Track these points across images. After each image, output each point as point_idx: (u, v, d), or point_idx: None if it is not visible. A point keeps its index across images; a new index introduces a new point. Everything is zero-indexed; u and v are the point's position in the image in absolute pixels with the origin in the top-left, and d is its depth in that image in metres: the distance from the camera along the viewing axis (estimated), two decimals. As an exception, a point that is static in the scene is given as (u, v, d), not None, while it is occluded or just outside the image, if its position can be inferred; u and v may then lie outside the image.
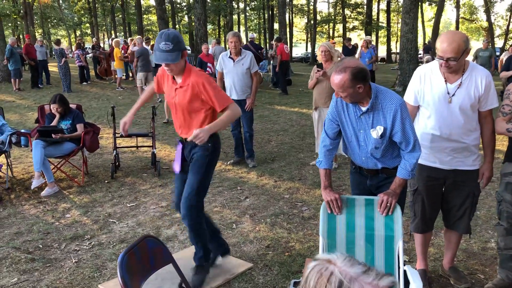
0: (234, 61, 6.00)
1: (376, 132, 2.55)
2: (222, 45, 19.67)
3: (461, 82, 2.80)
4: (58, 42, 15.62)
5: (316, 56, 5.87)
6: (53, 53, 16.26)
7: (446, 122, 2.86)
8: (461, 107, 2.82)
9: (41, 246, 3.97)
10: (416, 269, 3.31)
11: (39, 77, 15.99)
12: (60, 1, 41.79)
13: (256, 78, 6.13)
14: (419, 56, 17.81)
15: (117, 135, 6.32)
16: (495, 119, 2.98)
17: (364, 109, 2.56)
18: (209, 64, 11.51)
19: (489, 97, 2.84)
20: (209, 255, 3.39)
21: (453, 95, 2.82)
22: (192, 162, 3.19)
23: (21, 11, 33.25)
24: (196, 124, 3.14)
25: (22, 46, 16.34)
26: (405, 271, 2.49)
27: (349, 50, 14.61)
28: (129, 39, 17.05)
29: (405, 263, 3.51)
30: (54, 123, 5.61)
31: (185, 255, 3.72)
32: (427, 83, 2.91)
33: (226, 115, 3.07)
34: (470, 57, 14.64)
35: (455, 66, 2.70)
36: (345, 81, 2.42)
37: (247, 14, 42.25)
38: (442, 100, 2.84)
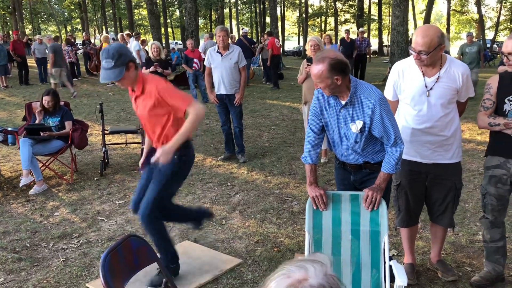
0: (222, 55, 5.96)
1: (355, 127, 2.55)
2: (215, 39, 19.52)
3: (439, 76, 2.82)
4: (56, 38, 15.61)
5: (306, 50, 5.85)
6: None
7: (425, 116, 2.88)
8: (439, 101, 2.84)
9: (28, 245, 3.94)
10: (404, 263, 3.33)
11: (40, 74, 15.63)
12: (50, -4, 41.39)
13: (245, 72, 6.10)
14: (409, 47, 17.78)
15: (106, 132, 6.27)
16: (477, 114, 3.00)
17: (343, 102, 2.56)
18: (195, 60, 11.42)
19: (468, 89, 2.92)
20: (172, 260, 3.33)
21: (430, 89, 2.83)
22: (156, 171, 3.10)
23: (10, 7, 32.87)
24: (159, 130, 3.06)
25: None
26: (390, 266, 2.50)
27: (348, 44, 13.80)
28: (119, 35, 16.88)
29: (393, 257, 3.53)
30: (37, 120, 5.56)
31: (173, 252, 3.70)
32: (405, 78, 2.92)
33: (189, 121, 2.93)
34: (455, 54, 14.25)
35: (426, 60, 2.72)
36: (323, 71, 2.41)
37: (239, 7, 42.09)
38: (420, 94, 2.86)
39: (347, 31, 14.49)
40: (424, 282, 3.21)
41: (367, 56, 14.72)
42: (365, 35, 16.74)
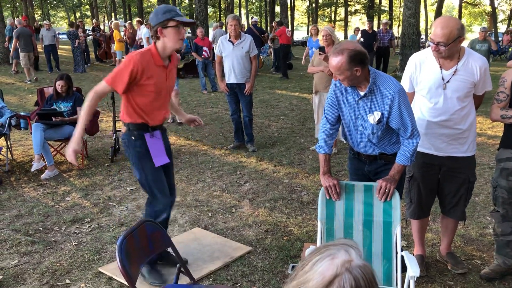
0: (233, 44, 5.95)
1: (373, 118, 2.55)
2: (225, 28, 19.44)
3: (456, 69, 2.80)
4: (72, 24, 15.70)
5: (319, 40, 5.82)
6: (66, 35, 16.01)
7: (441, 109, 2.86)
8: (456, 94, 2.82)
9: (41, 228, 4.00)
10: (413, 254, 3.34)
11: (48, 62, 15.21)
12: (59, -18, 41.34)
13: (255, 62, 6.09)
14: (421, 40, 17.49)
15: (117, 118, 6.30)
16: (491, 106, 2.99)
17: (362, 93, 2.55)
18: (204, 48, 11.39)
19: (485, 83, 2.89)
20: None
21: (447, 81, 2.81)
22: (169, 150, 3.22)
23: (20, -8, 32.86)
24: (168, 103, 3.18)
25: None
26: (402, 257, 2.51)
27: (369, 35, 13.05)
28: (127, 23, 16.85)
29: (403, 248, 3.54)
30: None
31: (184, 239, 3.74)
32: (422, 70, 2.90)
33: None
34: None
35: (444, 52, 2.69)
36: (342, 63, 2.41)
37: (248, -4, 41.76)
38: (437, 87, 2.84)
39: (370, 22, 13.67)
40: (433, 274, 3.23)
41: (391, 48, 13.76)
42: (377, 27, 16.15)
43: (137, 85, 2.86)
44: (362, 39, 12.79)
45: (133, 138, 2.97)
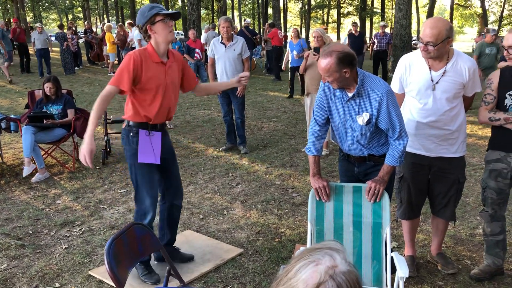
0: (225, 46, 5.95)
1: (362, 119, 2.56)
2: (217, 30, 19.41)
3: (445, 70, 2.82)
4: (61, 26, 15.58)
5: (309, 41, 5.85)
6: (55, 37, 15.82)
7: (430, 110, 2.89)
8: (445, 95, 2.85)
9: (31, 232, 3.97)
10: (404, 255, 3.35)
11: (40, 66, 14.71)
12: (51, -16, 41.15)
13: (248, 63, 6.09)
14: (413, 42, 17.50)
15: (108, 121, 6.28)
16: (478, 108, 3.02)
17: (350, 94, 2.56)
18: (197, 50, 11.39)
19: (474, 84, 2.91)
20: None
21: (436, 82, 2.84)
22: (170, 152, 3.23)
23: (11, -6, 32.65)
24: (174, 101, 3.14)
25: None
26: (392, 258, 2.52)
27: (355, 38, 12.80)
28: (118, 25, 16.75)
29: (394, 249, 3.56)
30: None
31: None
32: (412, 71, 2.92)
33: None
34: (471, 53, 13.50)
35: (433, 52, 2.72)
36: (331, 65, 2.42)
37: (241, -2, 41.82)
38: (426, 88, 2.87)
39: (355, 24, 13.42)
40: (424, 274, 3.24)
41: (388, 52, 13.43)
42: (387, 29, 15.12)
43: (140, 82, 2.90)
44: (349, 43, 12.69)
45: (131, 134, 3.02)
